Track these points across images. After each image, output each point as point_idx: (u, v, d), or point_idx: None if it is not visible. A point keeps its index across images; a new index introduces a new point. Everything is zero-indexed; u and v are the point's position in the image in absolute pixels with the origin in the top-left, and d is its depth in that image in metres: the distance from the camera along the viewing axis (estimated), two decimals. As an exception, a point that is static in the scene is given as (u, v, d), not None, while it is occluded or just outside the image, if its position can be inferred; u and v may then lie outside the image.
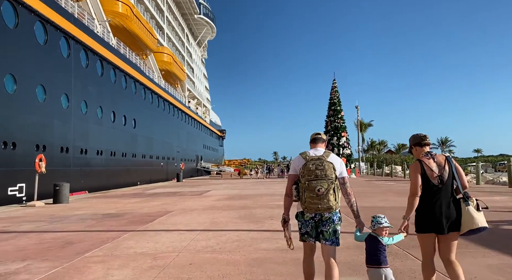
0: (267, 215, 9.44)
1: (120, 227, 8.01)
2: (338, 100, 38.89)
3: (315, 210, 3.06)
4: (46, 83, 19.20)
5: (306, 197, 3.07)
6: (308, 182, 3.06)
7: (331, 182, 3.06)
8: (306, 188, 3.07)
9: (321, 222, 3.13)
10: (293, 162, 3.36)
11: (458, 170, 3.12)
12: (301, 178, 3.15)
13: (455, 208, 3.03)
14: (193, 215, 9.80)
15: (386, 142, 79.94)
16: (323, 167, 3.09)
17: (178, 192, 19.39)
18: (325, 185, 3.03)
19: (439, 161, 3.12)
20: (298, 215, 3.27)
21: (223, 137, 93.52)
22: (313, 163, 3.13)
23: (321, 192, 3.01)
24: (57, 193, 14.04)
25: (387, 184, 23.57)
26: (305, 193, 3.07)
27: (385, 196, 14.50)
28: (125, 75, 30.73)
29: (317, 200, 3.03)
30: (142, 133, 34.75)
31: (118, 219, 9.33)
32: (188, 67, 63.06)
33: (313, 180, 3.05)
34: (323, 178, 3.05)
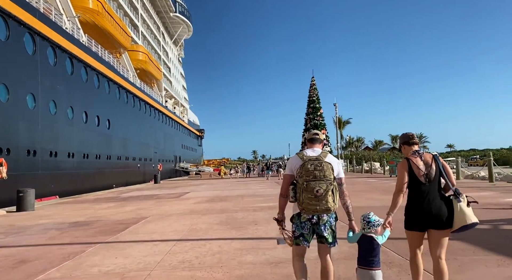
0: (250, 220, 8.77)
1: (86, 239, 7.16)
2: (317, 97, 38.70)
3: (313, 211, 3.00)
4: (8, 82, 17.88)
5: (304, 198, 2.99)
6: (307, 183, 2.99)
7: (329, 182, 3.00)
8: (304, 188, 2.99)
9: (318, 225, 3.08)
10: (289, 162, 3.27)
11: (445, 168, 3.18)
12: (298, 179, 3.07)
13: (443, 205, 3.08)
14: (170, 221, 9.03)
15: (363, 139, 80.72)
16: (321, 167, 3.02)
17: (155, 195, 18.46)
18: (324, 186, 2.97)
19: (426, 160, 3.18)
20: (294, 217, 3.20)
21: (202, 137, 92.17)
22: (311, 163, 3.05)
23: (319, 193, 2.95)
24: (20, 200, 12.92)
25: (368, 181, 23.35)
26: (303, 194, 3.00)
27: (370, 194, 14.11)
28: (98, 74, 29.38)
29: (316, 201, 2.96)
30: (117, 134, 33.43)
31: (86, 229, 8.45)
32: (164, 66, 61.60)
33: (312, 181, 2.98)
34: (321, 179, 2.99)
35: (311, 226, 3.12)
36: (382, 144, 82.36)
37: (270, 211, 10.19)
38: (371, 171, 35.82)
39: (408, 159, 3.24)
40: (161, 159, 48.74)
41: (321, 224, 3.09)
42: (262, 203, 12.39)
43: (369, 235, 3.09)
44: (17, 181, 18.23)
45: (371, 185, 19.65)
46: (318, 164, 3.05)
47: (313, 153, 3.22)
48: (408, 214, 3.17)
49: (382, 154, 56.53)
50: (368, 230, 3.10)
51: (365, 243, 3.10)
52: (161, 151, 50.24)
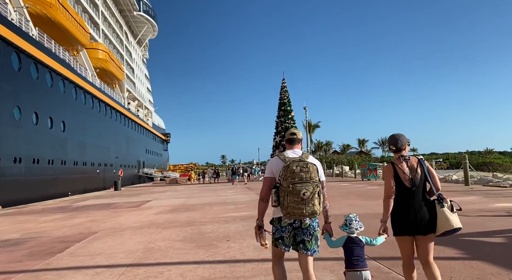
0: (221, 234, 7.38)
1: (7, 266, 5.51)
2: (288, 100, 37.79)
3: (299, 215, 2.84)
4: None
5: (289, 201, 2.82)
6: (292, 185, 2.82)
7: (316, 185, 2.87)
8: (290, 192, 2.82)
9: (300, 229, 2.96)
10: (270, 164, 3.11)
11: (430, 173, 3.16)
12: (282, 181, 2.89)
13: (428, 210, 3.07)
14: (123, 238, 7.46)
15: (332, 143, 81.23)
16: (307, 169, 2.89)
17: (112, 204, 16.58)
18: (310, 188, 2.83)
19: (411, 164, 3.17)
20: (274, 221, 3.06)
21: (168, 141, 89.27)
22: (296, 164, 2.90)
23: (306, 195, 2.81)
24: None
25: (342, 185, 22.54)
26: (288, 197, 2.83)
27: (349, 199, 13.09)
28: (51, 72, 26.93)
29: (302, 204, 2.81)
30: (73, 137, 30.90)
31: (13, 250, 6.73)
32: (127, 67, 58.87)
33: (298, 183, 2.82)
34: (308, 181, 2.85)
35: (292, 231, 2.97)
36: (349, 148, 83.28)
37: (243, 222, 8.84)
38: (342, 175, 35.31)
39: (393, 163, 3.22)
40: (123, 164, 46.10)
41: (303, 227, 2.95)
42: (233, 212, 11.01)
43: (355, 236, 3.08)
44: None
45: (346, 189, 18.77)
46: (304, 165, 2.89)
47: (294, 154, 3.09)
48: (396, 220, 3.13)
49: (351, 157, 56.61)
50: (350, 231, 3.10)
51: (352, 245, 3.04)
52: (123, 156, 47.59)
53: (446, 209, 3.02)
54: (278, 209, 2.96)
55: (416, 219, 3.03)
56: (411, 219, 3.04)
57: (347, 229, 3.14)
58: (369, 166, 27.34)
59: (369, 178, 26.79)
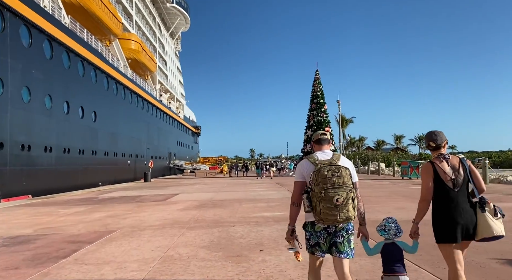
0: (252, 240, 6.24)
1: (4, 273, 4.63)
2: (321, 92, 36.07)
3: (333, 221, 2.67)
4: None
5: (322, 208, 2.64)
6: (325, 191, 2.64)
7: (349, 190, 2.68)
8: (322, 198, 2.64)
9: (334, 233, 2.79)
10: (300, 167, 2.93)
11: (473, 172, 2.95)
12: (313, 187, 2.72)
13: (473, 214, 2.85)
14: (140, 240, 6.50)
15: (365, 138, 78.32)
16: (340, 173, 2.68)
17: (138, 196, 15.91)
18: (344, 194, 2.64)
19: (452, 163, 2.95)
20: (307, 225, 2.87)
21: (198, 134, 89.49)
22: (327, 169, 2.70)
23: (340, 202, 2.62)
24: (-37, 203, 10.33)
25: (382, 183, 20.90)
26: (321, 203, 2.65)
27: (396, 201, 11.62)
28: (83, 61, 26.74)
29: (336, 210, 2.63)
30: (105, 128, 30.79)
31: (18, 250, 5.91)
32: (160, 59, 58.89)
33: (330, 189, 2.64)
34: (341, 186, 2.65)
35: (327, 236, 2.80)
36: (384, 144, 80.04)
37: (277, 225, 7.67)
38: (378, 172, 33.38)
39: (432, 162, 2.98)
40: (154, 156, 46.13)
41: (337, 230, 2.79)
42: (265, 212, 9.87)
43: (391, 242, 2.96)
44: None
45: (389, 188, 17.18)
46: (335, 169, 2.71)
47: (324, 155, 2.90)
48: (439, 225, 2.86)
49: (386, 154, 54.06)
50: (389, 237, 2.98)
51: (389, 251, 2.93)
52: (155, 147, 47.62)
53: (488, 214, 2.81)
54: (311, 214, 2.79)
55: (461, 223, 2.81)
56: (456, 223, 2.81)
57: (385, 234, 3.00)
58: (411, 163, 25.42)
59: (410, 176, 24.89)
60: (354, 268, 4.30)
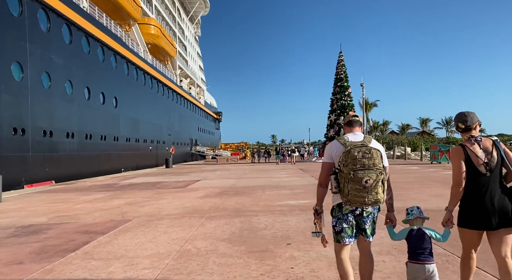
0: (278, 232, 5.65)
1: (5, 269, 4.22)
2: (345, 75, 34.78)
3: (361, 203, 2.62)
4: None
5: (350, 189, 2.59)
6: (354, 172, 2.57)
7: (380, 172, 2.59)
8: (350, 179, 2.58)
9: (361, 217, 2.75)
10: (329, 148, 2.87)
11: (508, 156, 2.73)
12: (342, 167, 2.64)
13: (507, 199, 2.66)
14: (157, 231, 6.02)
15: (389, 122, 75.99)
16: (370, 154, 2.62)
17: (159, 183, 15.61)
18: (373, 176, 2.56)
19: (485, 146, 2.74)
20: (334, 210, 2.82)
21: (220, 120, 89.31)
22: (358, 149, 2.63)
23: (369, 183, 2.55)
24: (-18, 190, 10.19)
25: (410, 169, 19.88)
26: (349, 184, 2.59)
27: (430, 187, 10.77)
28: (102, 46, 26.49)
29: (364, 192, 2.57)
30: (126, 113, 30.72)
31: (27, 241, 5.53)
32: (180, 44, 58.39)
33: (360, 170, 2.57)
34: (371, 168, 2.58)
35: (353, 218, 2.75)
36: (409, 128, 77.56)
37: (304, 215, 7.04)
38: (405, 157, 32.13)
39: (463, 145, 2.78)
40: (176, 142, 46.16)
41: (364, 215, 2.75)
42: (290, 200, 9.26)
43: (418, 228, 2.82)
44: (1, 163, 15.71)
45: (419, 174, 16.22)
46: (366, 150, 2.63)
47: (355, 137, 2.83)
48: (465, 210, 2.73)
49: (412, 138, 52.17)
50: (411, 217, 2.87)
51: (415, 238, 2.80)
52: (176, 133, 47.62)
53: None
54: (338, 195, 2.74)
55: (494, 209, 2.62)
56: (488, 210, 2.63)
57: (408, 216, 2.91)
58: (441, 147, 24.17)
59: (440, 160, 23.70)
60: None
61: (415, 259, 2.75)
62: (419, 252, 2.74)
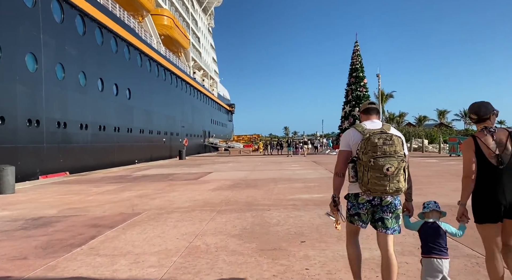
0: (291, 229, 5.39)
1: (8, 264, 4.09)
2: (361, 65, 34.05)
3: (381, 192, 2.50)
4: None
5: (370, 177, 2.48)
6: (374, 160, 2.47)
7: (401, 159, 2.50)
8: (370, 167, 2.47)
9: (380, 207, 2.64)
10: (346, 136, 2.77)
11: None
12: (362, 155, 2.54)
13: None
14: (166, 226, 5.83)
15: (405, 114, 74.42)
16: (392, 141, 2.52)
17: (171, 174, 15.53)
18: (395, 163, 2.47)
19: (499, 138, 2.61)
20: (350, 196, 2.74)
21: (232, 112, 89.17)
22: (378, 136, 2.53)
23: (390, 171, 2.45)
24: (-5, 181, 10.20)
25: (428, 161, 19.32)
26: (369, 172, 2.49)
27: (450, 181, 10.33)
28: (115, 37, 26.43)
29: (385, 180, 2.46)
30: (139, 105, 30.75)
31: (34, 234, 5.42)
32: (193, 36, 58.13)
33: (380, 157, 2.47)
34: (392, 155, 2.48)
35: (370, 208, 2.65)
36: (426, 120, 75.89)
37: (318, 210, 6.75)
38: (422, 149, 31.39)
39: (475, 136, 2.67)
40: (189, 134, 46.21)
41: (383, 205, 2.63)
42: (303, 193, 8.99)
43: (433, 221, 2.70)
44: (17, 154, 15.84)
45: (439, 167, 15.71)
46: (387, 137, 2.53)
47: (373, 125, 2.72)
48: (478, 205, 2.62)
49: (429, 130, 50.99)
50: (427, 210, 2.76)
51: (429, 231, 2.68)
52: (189, 125, 47.66)
53: None
54: (356, 184, 2.63)
55: (505, 202, 2.51)
56: (498, 202, 2.52)
57: (424, 209, 2.78)
58: (460, 139, 23.44)
59: (459, 153, 23.02)
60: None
61: (429, 254, 2.65)
62: (432, 246, 2.65)
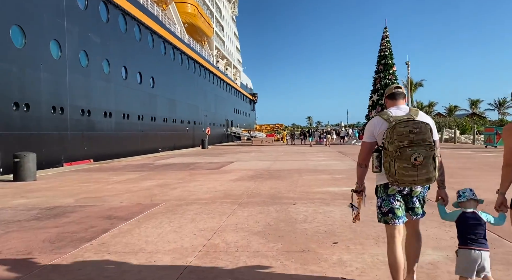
0: (321, 227, 4.85)
1: (10, 261, 3.76)
2: (390, 52, 32.55)
3: (410, 183, 2.37)
4: (24, 24, 15.09)
5: (397, 168, 2.34)
6: (401, 150, 2.32)
7: (430, 147, 2.34)
8: (397, 157, 2.33)
9: (410, 197, 2.56)
10: (370, 126, 2.63)
11: None
12: (387, 145, 2.40)
13: None
14: (184, 219, 5.42)
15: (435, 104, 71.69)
16: (419, 129, 2.35)
17: (193, 163, 15.23)
18: (423, 152, 2.31)
19: None
20: (379, 189, 2.60)
21: (255, 101, 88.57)
22: (404, 124, 2.37)
23: (418, 161, 2.30)
24: (17, 167, 10.12)
25: (463, 153, 18.20)
26: (396, 163, 2.34)
27: (493, 175, 9.43)
28: (139, 25, 26.27)
29: (414, 171, 2.32)
30: (163, 94, 30.68)
31: (46, 226, 5.12)
32: (217, 24, 57.57)
33: (407, 147, 2.31)
34: (420, 144, 2.33)
35: (402, 197, 2.54)
36: (457, 109, 72.90)
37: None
38: (454, 140, 29.93)
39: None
40: (212, 123, 46.10)
41: (413, 195, 2.55)
42: (330, 186, 8.40)
43: (472, 211, 2.52)
44: (41, 141, 15.93)
45: (475, 159, 14.69)
46: (414, 125, 2.36)
47: (399, 111, 2.58)
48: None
49: (460, 120, 48.83)
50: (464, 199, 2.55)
51: (467, 220, 2.51)
52: (212, 115, 47.50)
53: None
54: (384, 175, 2.48)
55: None
56: None
57: (460, 198, 2.58)
58: (498, 129, 22.05)
59: (496, 144, 21.69)
60: None
61: (466, 245, 2.49)
62: (471, 237, 2.48)
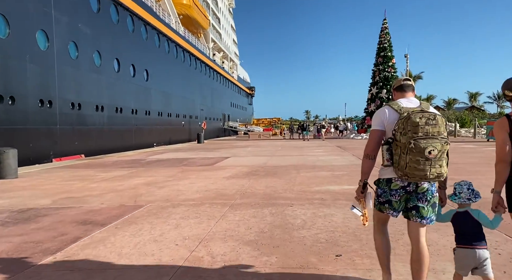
0: (321, 234, 4.26)
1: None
2: (389, 44, 32.03)
3: (421, 177, 2.23)
4: (6, 13, 14.34)
5: (408, 161, 2.23)
6: (414, 142, 2.20)
7: (445, 141, 2.24)
8: (410, 149, 2.21)
9: (415, 194, 2.40)
10: (379, 115, 2.48)
11: None
12: (399, 136, 2.29)
13: None
14: (167, 225, 4.83)
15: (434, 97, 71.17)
16: (435, 121, 2.24)
17: (186, 159, 14.63)
18: (438, 146, 2.20)
19: None
20: (381, 182, 2.48)
21: (252, 95, 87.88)
22: (420, 115, 2.25)
23: (433, 154, 2.19)
24: (-4, 164, 9.49)
25: (466, 147, 17.68)
26: (408, 155, 2.22)
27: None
28: (132, 15, 25.47)
29: (427, 165, 2.20)
30: (157, 87, 29.96)
31: (9, 234, 4.52)
32: (213, 16, 56.62)
33: (422, 139, 2.20)
34: (435, 136, 2.22)
35: (404, 194, 2.40)
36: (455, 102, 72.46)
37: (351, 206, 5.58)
38: (454, 134, 29.45)
39: (509, 116, 2.41)
40: (208, 117, 45.42)
41: (418, 192, 2.38)
42: (330, 184, 7.82)
43: (465, 210, 2.46)
44: (28, 136, 15.27)
45: (479, 153, 14.16)
46: (430, 116, 2.25)
47: (410, 103, 2.46)
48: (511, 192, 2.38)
49: (460, 114, 48.41)
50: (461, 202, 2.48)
51: (461, 220, 2.46)
52: (208, 109, 46.81)
53: None
54: (388, 169, 2.40)
55: None
56: None
57: (456, 199, 2.50)
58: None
59: (498, 140, 21.20)
60: None
61: (463, 243, 2.44)
62: (466, 236, 2.43)
